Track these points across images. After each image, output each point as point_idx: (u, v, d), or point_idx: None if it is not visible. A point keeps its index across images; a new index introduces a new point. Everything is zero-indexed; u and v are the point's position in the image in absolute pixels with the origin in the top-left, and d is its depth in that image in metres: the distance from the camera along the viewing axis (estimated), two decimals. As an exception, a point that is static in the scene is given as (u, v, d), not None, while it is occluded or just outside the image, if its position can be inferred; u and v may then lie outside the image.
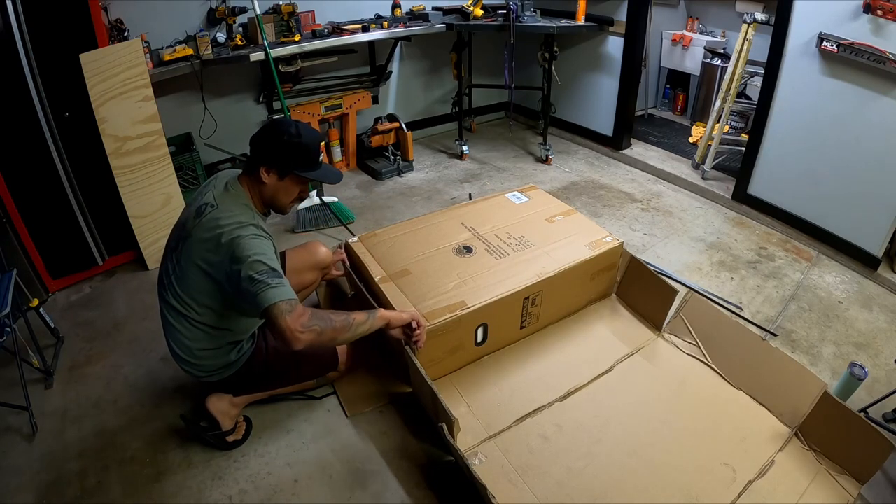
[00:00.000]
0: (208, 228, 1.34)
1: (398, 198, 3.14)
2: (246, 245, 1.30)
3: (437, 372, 1.74)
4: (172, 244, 1.45)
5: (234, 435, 1.62)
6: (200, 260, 1.36)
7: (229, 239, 1.31)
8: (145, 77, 2.23)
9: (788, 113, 2.63)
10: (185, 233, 1.40)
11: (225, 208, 1.37)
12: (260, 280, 1.27)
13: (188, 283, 1.40)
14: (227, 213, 1.36)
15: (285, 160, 1.40)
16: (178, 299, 1.42)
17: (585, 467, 1.51)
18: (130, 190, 2.31)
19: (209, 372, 1.51)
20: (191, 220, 1.40)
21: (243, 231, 1.32)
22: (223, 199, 1.39)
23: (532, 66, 3.71)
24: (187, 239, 1.38)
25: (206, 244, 1.34)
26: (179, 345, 1.47)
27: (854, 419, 1.47)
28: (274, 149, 1.39)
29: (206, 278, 1.37)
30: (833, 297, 2.33)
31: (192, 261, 1.37)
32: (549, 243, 2.02)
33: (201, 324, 1.43)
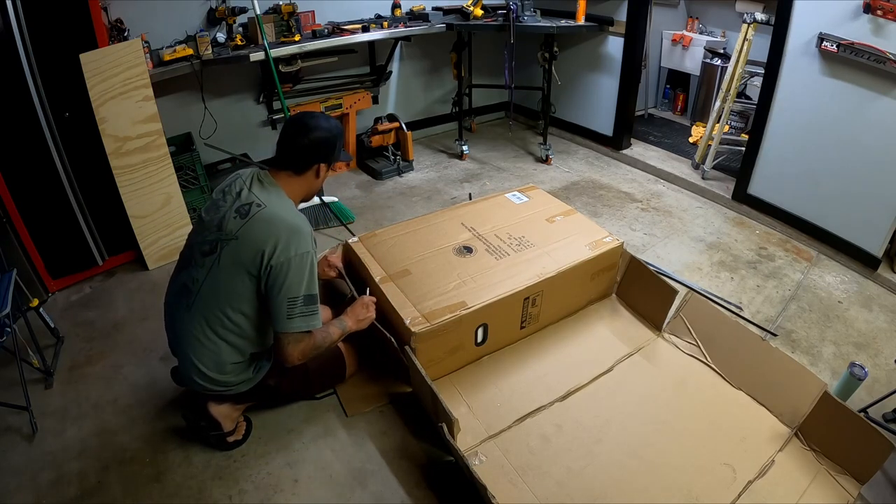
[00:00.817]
0: (264, 228, 1.34)
1: (398, 198, 3.14)
2: (310, 266, 1.36)
3: (437, 372, 1.74)
4: (206, 249, 1.40)
5: (234, 435, 1.61)
6: (249, 260, 1.33)
7: (297, 251, 1.33)
8: (145, 77, 2.23)
9: (788, 113, 2.63)
10: (227, 235, 1.36)
11: (278, 208, 1.38)
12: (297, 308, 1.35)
13: (227, 287, 1.37)
14: (283, 214, 1.37)
15: (334, 150, 1.49)
16: (210, 312, 1.39)
17: (585, 467, 1.51)
18: (130, 190, 2.31)
19: (224, 387, 1.48)
20: (231, 221, 1.37)
21: (305, 244, 1.36)
22: (269, 199, 1.39)
23: (532, 66, 3.71)
24: (230, 242, 1.36)
25: (263, 244, 1.32)
26: (203, 359, 1.42)
27: (854, 419, 1.47)
28: (331, 146, 1.47)
29: (250, 279, 1.36)
30: (833, 297, 2.33)
31: (241, 260, 1.34)
32: (549, 243, 2.02)
33: (230, 333, 1.41)
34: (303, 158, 1.45)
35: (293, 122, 1.48)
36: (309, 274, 1.36)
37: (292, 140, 1.45)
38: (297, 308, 1.35)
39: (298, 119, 1.48)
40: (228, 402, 1.58)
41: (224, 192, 1.46)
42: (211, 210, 1.46)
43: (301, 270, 1.34)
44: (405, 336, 1.65)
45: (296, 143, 1.44)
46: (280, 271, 1.32)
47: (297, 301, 1.35)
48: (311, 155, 1.45)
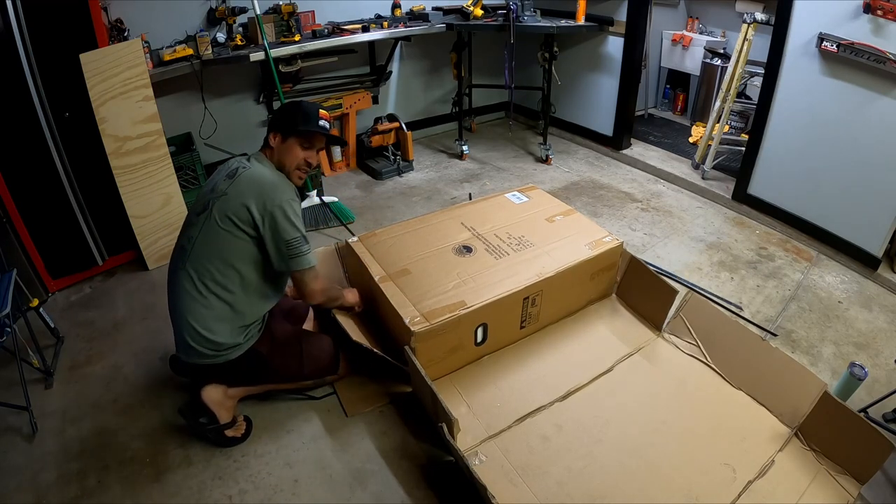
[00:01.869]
0: (248, 183, 1.48)
1: (398, 198, 3.14)
2: (289, 211, 1.48)
3: (437, 372, 1.74)
4: (199, 209, 1.53)
5: (233, 430, 1.61)
6: (236, 214, 1.45)
7: (274, 201, 1.46)
8: (145, 77, 2.23)
9: (788, 113, 2.63)
10: (218, 194, 1.49)
11: (261, 168, 1.53)
12: (296, 246, 1.50)
13: (218, 241, 1.47)
14: (265, 172, 1.52)
15: (287, 120, 1.58)
16: (199, 263, 1.48)
17: (585, 467, 1.51)
18: (130, 190, 2.31)
19: (216, 349, 1.50)
20: (222, 182, 1.52)
21: (284, 194, 1.48)
22: (254, 163, 1.55)
23: (532, 66, 3.71)
24: (221, 198, 1.48)
25: (248, 196, 1.45)
26: (194, 314, 1.48)
27: (854, 419, 1.47)
28: (279, 113, 1.63)
29: (240, 233, 1.46)
30: (833, 297, 2.33)
31: (228, 217, 1.45)
32: (548, 243, 2.02)
33: (220, 287, 1.49)
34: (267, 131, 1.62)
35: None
36: (295, 217, 1.50)
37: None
38: (301, 247, 1.51)
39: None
40: (222, 389, 1.59)
41: (220, 170, 1.61)
42: (208, 183, 1.62)
43: (286, 216, 1.48)
44: (405, 336, 1.65)
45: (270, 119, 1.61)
46: (272, 220, 1.46)
47: (297, 241, 1.50)
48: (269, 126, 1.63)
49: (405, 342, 1.65)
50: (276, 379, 1.71)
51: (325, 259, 2.12)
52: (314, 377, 1.75)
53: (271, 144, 1.59)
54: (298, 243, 1.50)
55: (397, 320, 1.68)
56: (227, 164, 1.61)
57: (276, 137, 1.59)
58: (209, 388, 1.58)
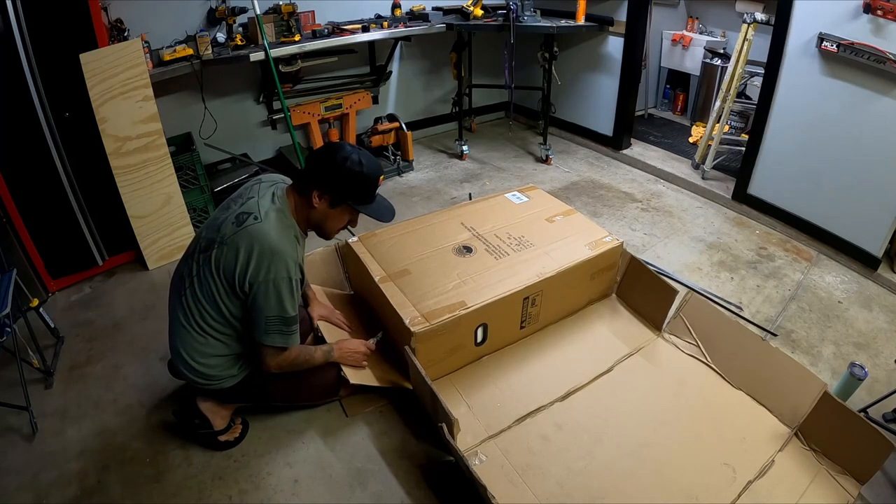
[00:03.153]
0: (247, 243, 1.33)
1: (398, 198, 3.14)
2: (282, 289, 1.34)
3: (437, 372, 1.74)
4: (203, 245, 1.42)
5: (226, 435, 1.61)
6: (228, 269, 1.34)
7: (269, 274, 1.32)
8: (145, 77, 2.23)
9: (788, 113, 2.63)
10: (221, 237, 1.38)
11: (269, 226, 1.35)
12: (273, 324, 1.37)
13: (210, 286, 1.38)
14: (270, 234, 1.34)
15: (342, 188, 1.40)
16: (195, 302, 1.41)
17: (585, 467, 1.51)
18: (130, 190, 2.31)
19: (209, 380, 1.49)
20: (229, 225, 1.38)
21: (283, 269, 1.33)
22: (268, 215, 1.37)
23: (532, 66, 3.71)
24: (221, 245, 1.36)
25: (240, 257, 1.33)
26: (187, 348, 1.44)
27: (854, 419, 1.47)
28: (332, 174, 1.38)
29: (229, 287, 1.36)
30: (833, 297, 2.33)
31: (222, 266, 1.35)
32: (548, 243, 2.02)
33: (214, 330, 1.43)
34: (306, 176, 1.42)
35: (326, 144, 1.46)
36: (279, 298, 1.34)
37: (307, 159, 1.43)
38: (273, 326, 1.37)
39: (329, 143, 1.46)
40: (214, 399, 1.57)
41: (241, 194, 1.48)
42: (223, 208, 1.48)
43: (270, 294, 1.33)
44: (405, 336, 1.65)
45: (308, 160, 1.43)
46: (254, 290, 1.33)
47: (273, 320, 1.36)
48: (308, 175, 1.42)
49: (405, 342, 1.65)
50: (274, 401, 1.69)
51: (325, 259, 2.12)
52: (314, 401, 1.72)
53: (315, 205, 1.40)
54: (277, 323, 1.36)
55: (397, 321, 1.68)
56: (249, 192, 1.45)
57: (324, 201, 1.40)
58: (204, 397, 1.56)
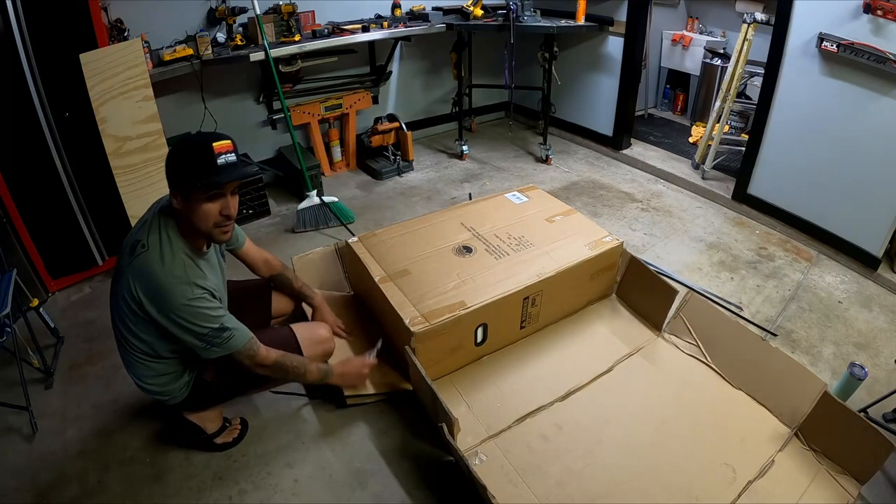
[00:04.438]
0: (141, 275, 1.24)
1: (398, 198, 3.14)
2: (189, 315, 1.24)
3: (437, 372, 1.74)
4: (114, 275, 1.35)
5: (223, 436, 1.60)
6: (133, 301, 1.26)
7: (169, 309, 1.23)
8: (145, 77, 2.23)
9: (788, 113, 2.63)
10: (120, 268, 1.30)
11: (155, 255, 1.25)
12: (215, 336, 1.28)
13: (124, 316, 1.31)
14: (154, 265, 1.24)
15: (179, 174, 1.23)
16: (117, 326, 1.36)
17: (585, 467, 1.51)
18: (130, 190, 2.31)
19: (164, 395, 1.44)
20: (126, 255, 1.29)
21: (175, 299, 1.23)
22: (154, 241, 1.27)
23: (532, 66, 3.71)
24: (120, 276, 1.29)
25: (138, 294, 1.24)
26: (131, 370, 1.40)
27: (854, 419, 1.47)
28: (169, 169, 1.25)
29: (139, 317, 1.28)
30: (833, 297, 2.33)
31: (125, 299, 1.27)
32: (548, 243, 2.02)
33: (142, 353, 1.35)
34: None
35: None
36: (189, 323, 1.25)
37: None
38: (206, 343, 1.28)
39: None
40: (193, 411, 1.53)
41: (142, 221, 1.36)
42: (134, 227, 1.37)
43: (191, 320, 1.25)
44: (405, 336, 1.65)
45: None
46: (174, 324, 1.25)
47: (211, 333, 1.28)
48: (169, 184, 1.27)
49: (405, 342, 1.65)
50: (242, 392, 1.62)
51: (326, 259, 2.12)
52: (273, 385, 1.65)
53: (176, 207, 1.26)
54: (214, 335, 1.27)
55: (397, 321, 1.68)
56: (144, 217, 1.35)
57: (177, 199, 1.25)
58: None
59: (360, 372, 1.64)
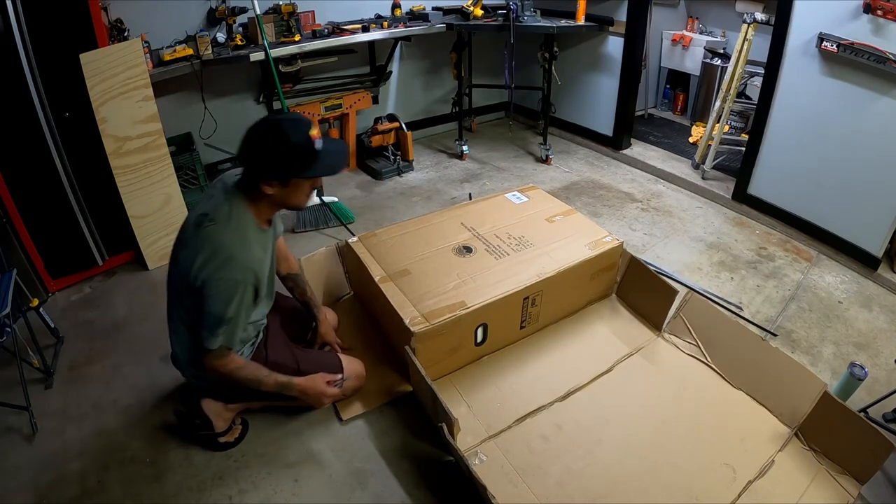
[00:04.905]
0: (203, 246, 1.32)
1: (398, 198, 3.14)
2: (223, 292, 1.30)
3: (437, 372, 1.74)
4: (175, 249, 1.43)
5: (226, 437, 1.61)
6: (185, 269, 1.33)
7: (216, 274, 1.29)
8: (145, 77, 2.23)
9: (788, 113, 2.63)
10: (184, 239, 1.39)
11: (223, 228, 1.33)
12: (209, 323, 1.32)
13: (180, 289, 1.40)
14: (224, 235, 1.32)
15: (281, 169, 1.32)
16: (178, 296, 1.43)
17: (585, 467, 1.51)
18: (130, 190, 2.31)
19: (196, 375, 1.50)
20: (190, 228, 1.38)
21: (230, 273, 1.29)
22: (221, 217, 1.34)
23: (532, 66, 3.71)
24: (183, 248, 1.38)
25: (197, 259, 1.31)
26: (177, 346, 1.48)
27: (854, 419, 1.47)
28: (265, 161, 1.32)
29: (187, 285, 1.34)
30: (833, 297, 2.33)
31: (183, 267, 1.34)
32: (548, 243, 2.02)
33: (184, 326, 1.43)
34: (245, 175, 1.38)
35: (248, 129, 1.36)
36: (229, 300, 1.30)
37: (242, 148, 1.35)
38: (211, 325, 1.32)
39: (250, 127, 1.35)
40: (221, 401, 1.57)
41: (206, 193, 1.47)
42: (192, 210, 1.45)
43: (220, 294, 1.30)
44: (405, 336, 1.65)
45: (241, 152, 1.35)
46: (205, 287, 1.30)
47: (212, 319, 1.31)
48: (247, 171, 1.36)
49: (405, 342, 1.65)
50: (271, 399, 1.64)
51: (326, 259, 2.12)
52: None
53: (269, 193, 1.34)
54: (212, 322, 1.31)
55: (397, 321, 1.68)
56: (208, 193, 1.43)
57: (273, 186, 1.34)
58: (209, 400, 1.56)
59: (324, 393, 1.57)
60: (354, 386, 1.71)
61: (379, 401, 1.76)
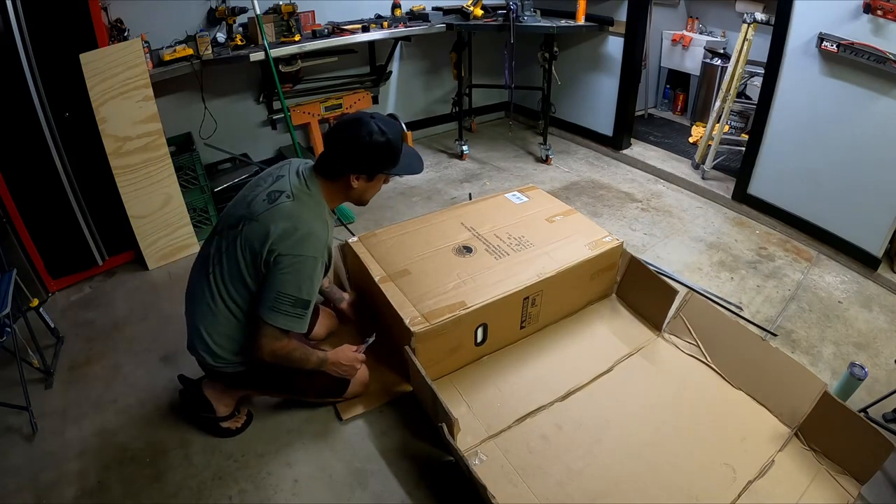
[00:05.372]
0: (280, 219, 1.34)
1: (398, 198, 3.14)
2: (302, 269, 1.33)
3: (437, 372, 1.74)
4: (232, 222, 1.43)
5: (229, 423, 1.62)
6: (256, 242, 1.34)
7: (294, 250, 1.32)
8: (145, 77, 2.23)
9: (788, 113, 2.63)
10: (251, 213, 1.39)
11: (302, 205, 1.38)
12: (283, 301, 1.34)
13: (237, 262, 1.38)
14: (303, 213, 1.37)
15: (374, 164, 1.41)
16: (222, 279, 1.41)
17: (585, 467, 1.51)
18: (130, 190, 2.31)
19: (224, 362, 1.48)
20: (259, 202, 1.39)
21: (309, 249, 1.34)
22: (301, 195, 1.40)
23: (532, 66, 3.71)
24: (251, 221, 1.37)
25: (272, 232, 1.33)
26: (207, 326, 1.44)
27: (854, 419, 1.47)
28: (363, 155, 1.39)
29: (252, 260, 1.36)
30: (833, 297, 2.33)
31: (250, 240, 1.35)
32: (548, 243, 2.02)
33: (238, 308, 1.42)
34: (336, 161, 1.43)
35: (340, 122, 1.44)
36: (307, 279, 1.35)
37: (327, 141, 1.44)
38: (283, 304, 1.34)
39: (345, 120, 1.43)
40: (221, 384, 1.58)
41: (269, 174, 1.50)
42: (250, 187, 1.50)
43: (298, 272, 1.33)
44: (405, 336, 1.65)
45: (328, 146, 1.44)
46: (279, 264, 1.32)
47: (286, 298, 1.34)
48: (339, 161, 1.42)
49: (405, 342, 1.65)
50: (279, 392, 1.70)
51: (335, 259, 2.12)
52: (322, 395, 1.70)
53: (353, 186, 1.43)
54: (288, 302, 1.34)
55: (397, 321, 1.68)
56: (279, 171, 1.48)
57: (362, 179, 1.43)
58: (210, 382, 1.59)
59: (352, 363, 1.64)
60: (357, 391, 1.72)
61: (379, 401, 1.76)
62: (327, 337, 1.94)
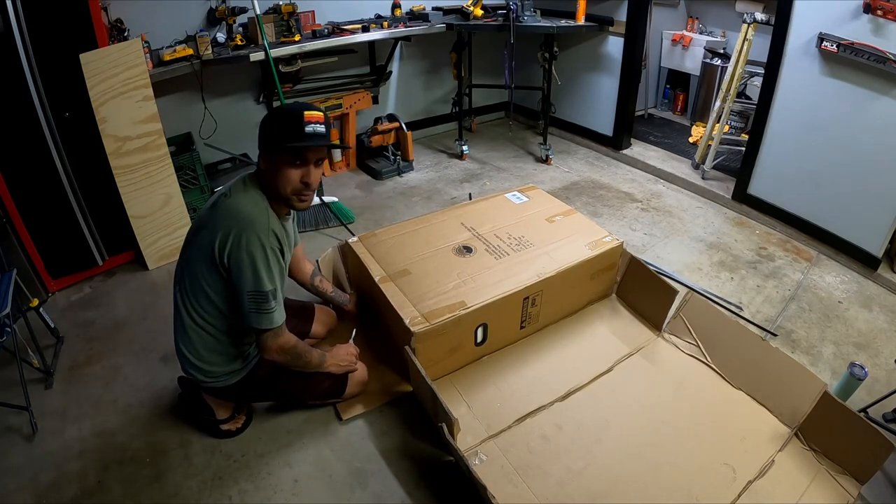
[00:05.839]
0: (221, 218, 1.33)
1: (398, 198, 3.14)
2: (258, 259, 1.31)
3: (437, 372, 1.74)
4: (189, 236, 1.44)
5: (229, 424, 1.62)
6: (207, 247, 1.33)
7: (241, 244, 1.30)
8: (145, 77, 2.23)
9: (788, 113, 2.63)
10: (201, 223, 1.39)
11: (237, 198, 1.36)
12: (255, 301, 1.33)
13: (199, 276, 1.37)
14: (239, 205, 1.34)
15: (268, 135, 1.35)
16: (188, 294, 1.41)
17: (585, 467, 1.51)
18: (130, 190, 2.31)
19: (213, 377, 1.49)
20: (206, 211, 1.41)
21: (252, 238, 1.30)
22: (236, 191, 1.39)
23: (532, 66, 3.71)
24: (201, 230, 1.37)
25: (217, 233, 1.31)
26: (186, 344, 1.46)
27: (854, 419, 1.47)
28: (261, 129, 1.37)
29: (213, 270, 1.34)
30: (833, 297, 2.33)
31: (203, 250, 1.34)
32: (548, 243, 2.02)
33: (207, 323, 1.42)
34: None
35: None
36: (262, 268, 1.32)
37: None
38: (255, 303, 1.33)
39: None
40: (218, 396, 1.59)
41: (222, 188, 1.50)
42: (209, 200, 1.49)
43: (245, 265, 1.31)
44: (405, 336, 1.65)
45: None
46: (231, 264, 1.32)
47: (252, 296, 1.33)
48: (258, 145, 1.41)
49: (405, 342, 1.65)
50: (278, 400, 1.71)
51: (326, 259, 2.12)
52: (318, 399, 1.70)
53: (262, 167, 1.39)
54: (260, 299, 1.32)
55: (397, 321, 1.68)
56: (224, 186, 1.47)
57: (264, 159, 1.38)
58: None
59: (349, 355, 1.68)
60: (355, 391, 1.72)
61: (379, 401, 1.76)
62: (327, 336, 1.94)
